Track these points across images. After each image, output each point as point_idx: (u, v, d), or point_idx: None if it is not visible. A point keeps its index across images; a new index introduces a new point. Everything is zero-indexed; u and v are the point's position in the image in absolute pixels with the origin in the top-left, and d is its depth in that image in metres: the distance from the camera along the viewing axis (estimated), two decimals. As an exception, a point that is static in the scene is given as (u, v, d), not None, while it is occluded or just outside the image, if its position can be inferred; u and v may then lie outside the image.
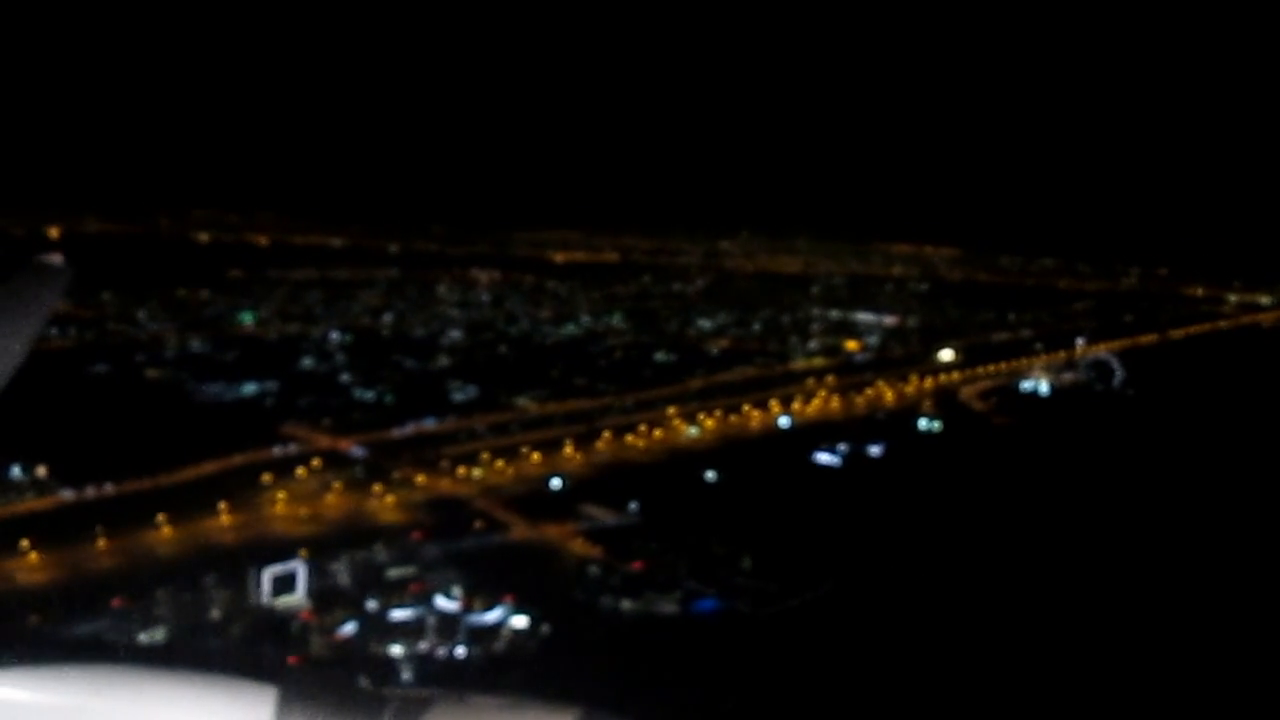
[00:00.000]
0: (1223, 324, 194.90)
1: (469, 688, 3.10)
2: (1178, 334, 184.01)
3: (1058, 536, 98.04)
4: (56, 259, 6.67)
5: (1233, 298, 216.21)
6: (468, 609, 74.43)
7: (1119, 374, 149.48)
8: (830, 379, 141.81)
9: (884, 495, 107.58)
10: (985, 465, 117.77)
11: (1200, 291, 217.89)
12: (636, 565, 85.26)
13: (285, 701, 3.16)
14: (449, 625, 73.02)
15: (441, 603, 74.63)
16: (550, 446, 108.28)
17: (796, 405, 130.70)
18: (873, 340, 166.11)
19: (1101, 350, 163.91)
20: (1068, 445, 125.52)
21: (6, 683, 3.33)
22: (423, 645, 71.33)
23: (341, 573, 76.90)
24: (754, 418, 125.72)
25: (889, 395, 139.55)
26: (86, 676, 3.38)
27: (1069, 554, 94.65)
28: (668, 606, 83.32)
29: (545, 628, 75.12)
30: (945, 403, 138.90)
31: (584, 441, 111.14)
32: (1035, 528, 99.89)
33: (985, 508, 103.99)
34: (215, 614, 69.76)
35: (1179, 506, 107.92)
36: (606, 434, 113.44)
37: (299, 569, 74.25)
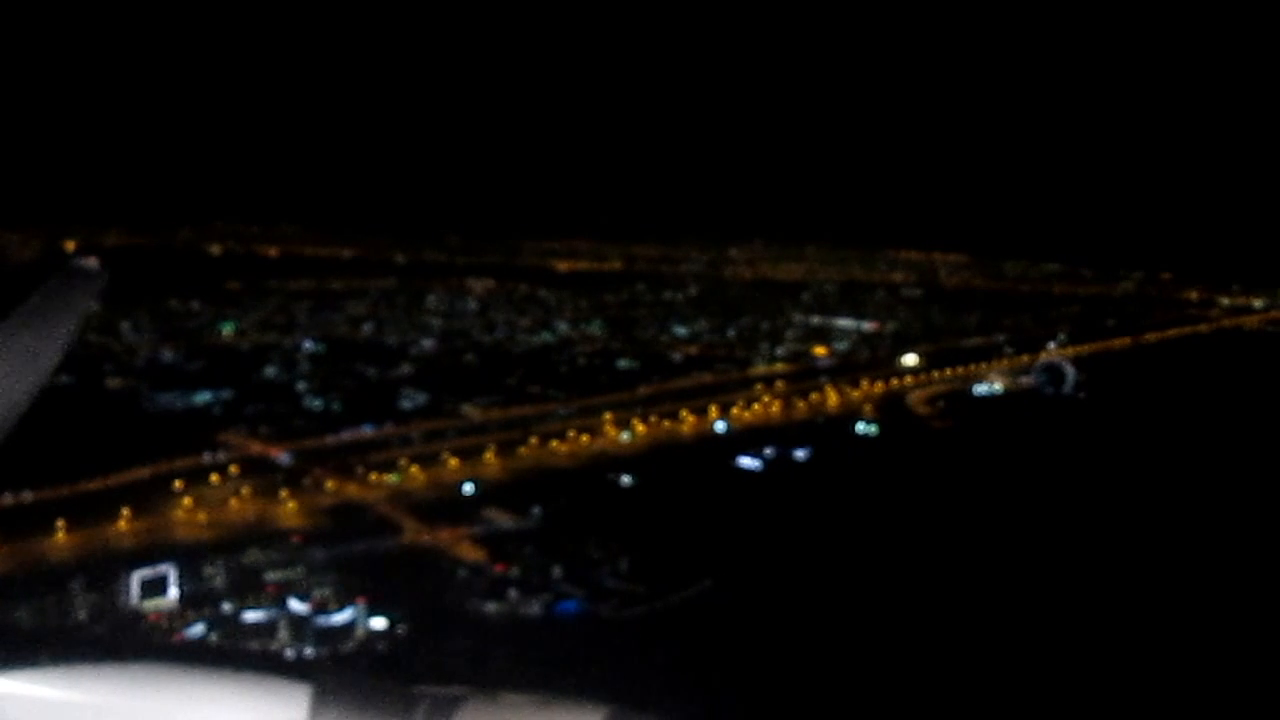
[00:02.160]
0: (1203, 327, 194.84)
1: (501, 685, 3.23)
2: (1151, 337, 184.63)
3: (965, 539, 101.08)
4: (92, 262, 6.71)
5: (1225, 301, 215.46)
6: (319, 610, 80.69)
7: (1070, 378, 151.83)
8: (780, 384, 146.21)
9: (796, 498, 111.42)
10: (911, 468, 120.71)
11: (1194, 295, 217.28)
12: (500, 567, 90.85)
13: (318, 700, 3.21)
14: (298, 626, 79.35)
15: (294, 604, 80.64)
16: (475, 453, 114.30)
17: (739, 410, 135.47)
18: (843, 346, 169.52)
19: (1068, 354, 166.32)
20: (1003, 448, 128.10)
21: (39, 681, 3.38)
22: (272, 645, 77.52)
23: (217, 576, 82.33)
24: (690, 423, 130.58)
25: (837, 400, 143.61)
26: (119, 675, 3.42)
27: (968, 557, 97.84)
28: (532, 609, 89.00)
29: (400, 629, 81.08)
30: (890, 407, 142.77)
31: (510, 447, 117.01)
32: (948, 529, 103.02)
33: (899, 509, 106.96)
34: (81, 616, 75.27)
35: (1110, 511, 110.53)
36: (534, 440, 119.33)
37: (170, 572, 79.38)
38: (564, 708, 2.98)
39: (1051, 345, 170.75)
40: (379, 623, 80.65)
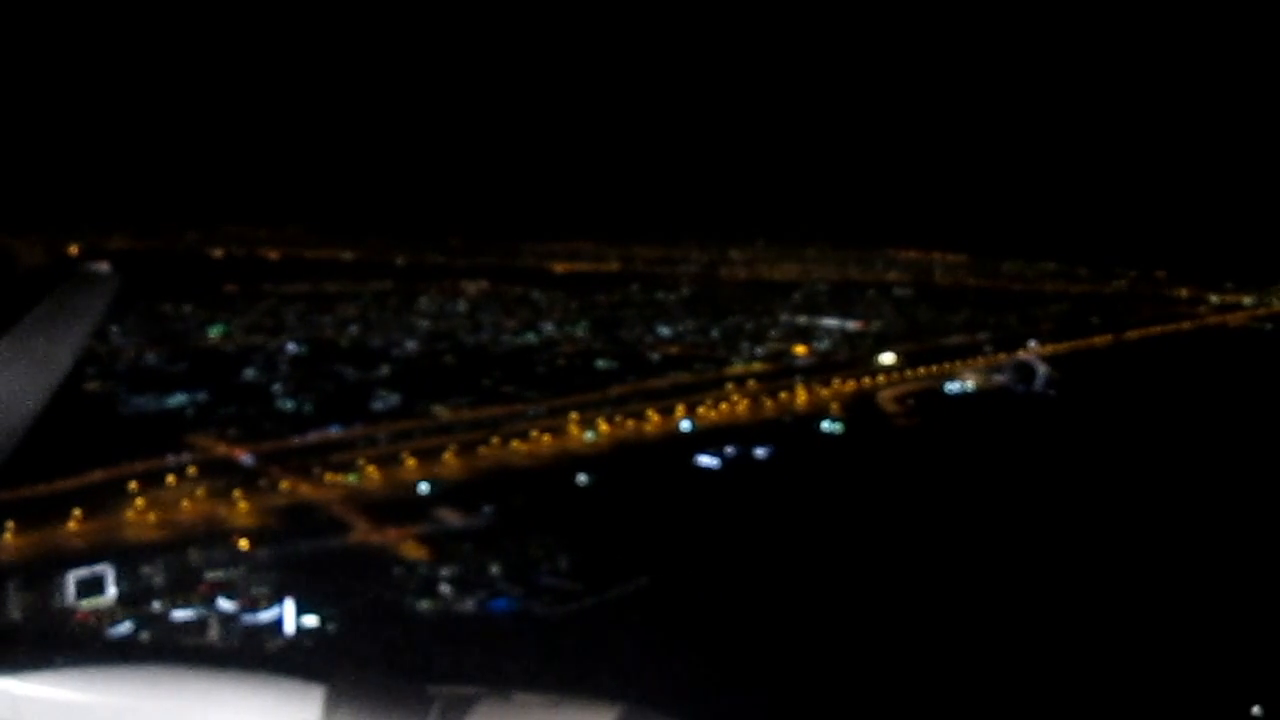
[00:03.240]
0: (1186, 325, 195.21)
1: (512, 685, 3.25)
2: (1134, 335, 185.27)
3: (919, 534, 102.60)
4: (103, 267, 6.71)
5: (1214, 299, 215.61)
6: (248, 608, 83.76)
7: (1040, 375, 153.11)
8: (752, 384, 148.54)
9: (750, 496, 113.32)
10: (871, 465, 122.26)
11: (1184, 293, 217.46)
12: (439, 566, 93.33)
13: (332, 700, 3.27)
14: (226, 624, 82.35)
15: (222, 603, 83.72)
16: (436, 453, 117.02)
17: (706, 410, 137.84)
18: (824, 345, 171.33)
19: (1047, 352, 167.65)
20: (965, 445, 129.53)
21: (57, 683, 3.44)
22: (201, 642, 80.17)
23: (156, 575, 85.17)
24: (655, 422, 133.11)
25: (806, 398, 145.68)
26: (135, 676, 3.49)
27: (918, 552, 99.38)
28: (465, 606, 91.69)
29: (330, 627, 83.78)
30: (859, 405, 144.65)
31: (471, 448, 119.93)
32: (902, 524, 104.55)
33: (854, 505, 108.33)
34: (15, 615, 78.02)
35: (1069, 507, 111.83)
36: (495, 440, 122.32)
37: (108, 572, 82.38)
38: (576, 707, 3.07)
39: (1032, 343, 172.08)
40: (309, 620, 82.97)
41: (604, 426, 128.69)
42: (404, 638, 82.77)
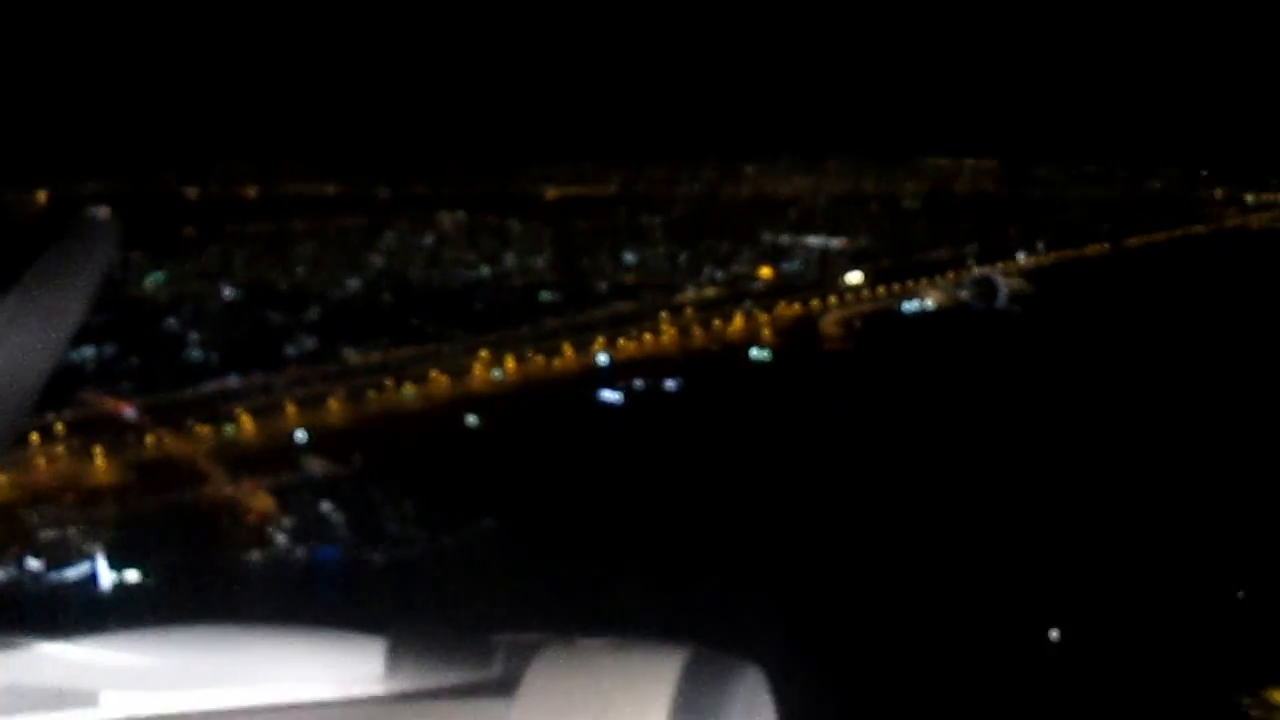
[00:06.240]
0: (1198, 229, 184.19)
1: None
2: (1134, 242, 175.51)
3: (825, 467, 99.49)
4: (104, 212, 4.87)
5: (1248, 199, 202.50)
6: (59, 564, 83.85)
7: (1002, 292, 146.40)
8: (690, 312, 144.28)
9: (652, 432, 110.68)
10: (790, 394, 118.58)
11: (1219, 194, 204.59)
12: (253, 518, 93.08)
13: (394, 653, 3.05)
14: (36, 580, 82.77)
15: (30, 561, 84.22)
16: (321, 400, 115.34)
17: (628, 342, 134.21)
18: (794, 267, 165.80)
19: (1034, 264, 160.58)
20: (902, 367, 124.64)
21: (110, 646, 3.22)
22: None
23: None
24: (570, 357, 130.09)
25: (744, 326, 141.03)
26: (190, 638, 3.28)
27: (816, 481, 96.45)
28: (296, 555, 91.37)
29: (150, 580, 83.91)
30: (798, 331, 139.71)
31: (362, 393, 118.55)
32: (806, 456, 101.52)
33: (759, 436, 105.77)
34: None
35: (1007, 430, 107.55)
36: (389, 382, 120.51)
37: None
38: (642, 651, 2.89)
39: (1021, 255, 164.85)
40: (130, 575, 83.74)
41: (512, 364, 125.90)
42: (224, 588, 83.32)
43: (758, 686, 2.66)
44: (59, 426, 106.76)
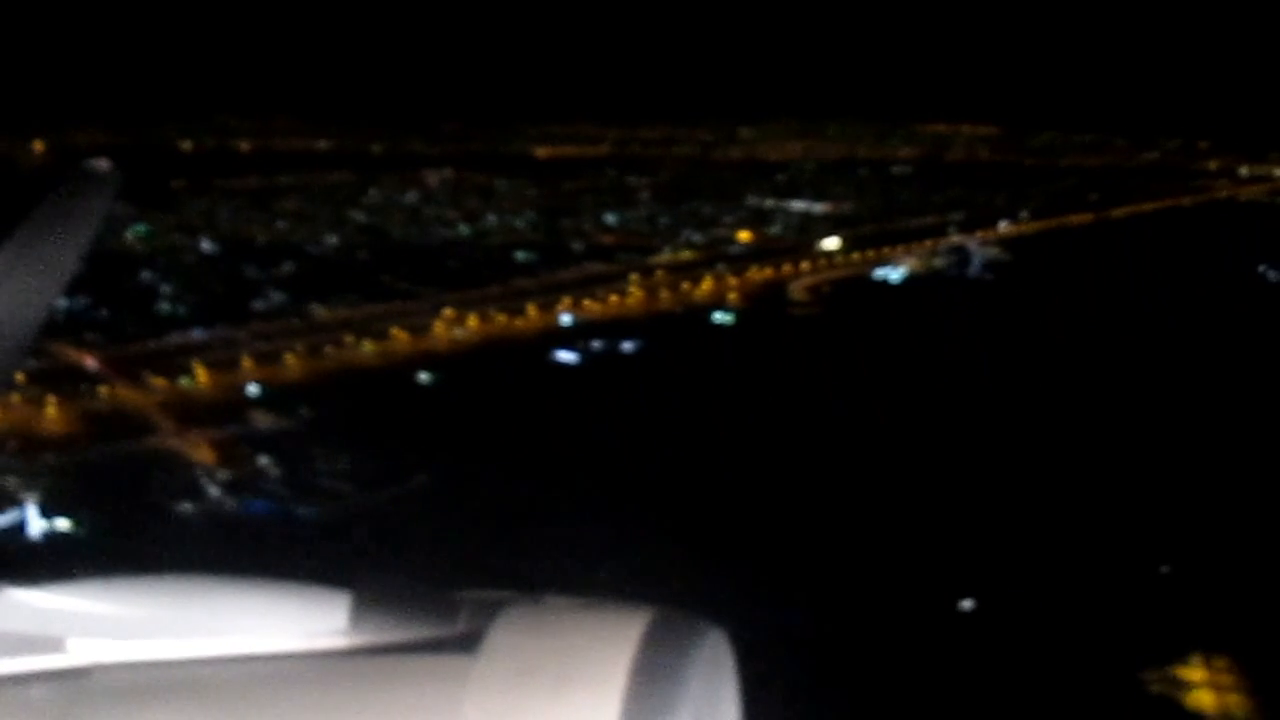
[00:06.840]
0: (1185, 200, 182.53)
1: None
2: (1120, 213, 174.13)
3: (795, 437, 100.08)
4: (103, 163, 5.79)
5: (1243, 171, 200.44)
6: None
7: (976, 260, 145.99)
8: (660, 274, 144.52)
9: (607, 392, 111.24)
10: (750, 358, 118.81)
11: (1213, 165, 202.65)
12: (195, 469, 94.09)
13: (358, 606, 3.17)
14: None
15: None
16: (278, 355, 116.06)
17: (593, 303, 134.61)
18: (775, 230, 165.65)
19: (1016, 232, 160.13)
20: (865, 334, 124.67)
21: (77, 594, 3.33)
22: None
23: None
24: (533, 317, 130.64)
25: (712, 288, 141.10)
26: (157, 586, 3.38)
27: (767, 449, 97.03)
28: (225, 507, 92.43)
29: (81, 530, 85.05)
30: (767, 295, 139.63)
31: (319, 349, 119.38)
32: (780, 424, 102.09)
33: (721, 401, 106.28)
34: None
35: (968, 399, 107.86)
36: (350, 339, 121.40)
37: None
38: (605, 611, 3.01)
39: (1003, 223, 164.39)
40: (61, 524, 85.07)
41: (474, 323, 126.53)
42: (161, 540, 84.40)
43: (720, 648, 2.76)
44: (19, 376, 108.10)
